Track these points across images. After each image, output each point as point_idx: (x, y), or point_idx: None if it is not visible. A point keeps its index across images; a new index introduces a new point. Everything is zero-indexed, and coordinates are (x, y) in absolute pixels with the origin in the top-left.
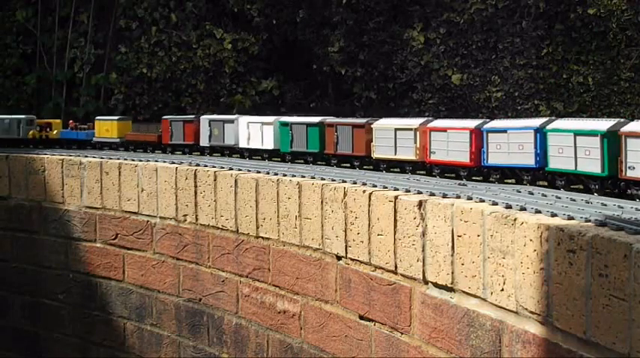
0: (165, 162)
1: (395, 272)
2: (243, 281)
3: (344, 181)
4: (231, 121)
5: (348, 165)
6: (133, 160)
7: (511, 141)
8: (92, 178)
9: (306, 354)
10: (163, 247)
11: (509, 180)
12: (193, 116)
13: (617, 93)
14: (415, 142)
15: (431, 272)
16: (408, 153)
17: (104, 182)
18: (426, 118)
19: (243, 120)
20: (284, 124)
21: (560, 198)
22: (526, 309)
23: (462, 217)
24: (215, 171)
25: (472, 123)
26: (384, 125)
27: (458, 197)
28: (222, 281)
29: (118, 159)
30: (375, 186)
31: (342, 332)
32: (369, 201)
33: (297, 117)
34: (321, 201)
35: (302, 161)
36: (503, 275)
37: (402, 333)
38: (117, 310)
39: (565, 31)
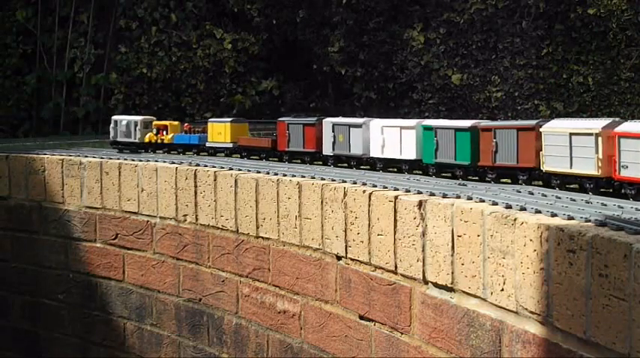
0: (165, 162)
1: (395, 273)
2: (243, 281)
3: (344, 181)
4: (359, 125)
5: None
6: (133, 160)
7: None
8: (92, 178)
9: (306, 354)
10: (163, 247)
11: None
12: (315, 118)
13: (617, 93)
14: (597, 152)
15: (431, 272)
16: (586, 167)
17: (104, 182)
18: (612, 119)
19: (376, 123)
20: (428, 128)
21: (560, 198)
22: (526, 309)
23: (462, 217)
24: (215, 171)
25: None
26: (556, 128)
27: (458, 197)
28: (222, 281)
29: (118, 159)
30: (375, 186)
31: (342, 332)
32: (369, 201)
33: (445, 120)
34: (321, 201)
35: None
36: (503, 275)
37: (402, 333)
38: (117, 310)
39: (565, 31)
